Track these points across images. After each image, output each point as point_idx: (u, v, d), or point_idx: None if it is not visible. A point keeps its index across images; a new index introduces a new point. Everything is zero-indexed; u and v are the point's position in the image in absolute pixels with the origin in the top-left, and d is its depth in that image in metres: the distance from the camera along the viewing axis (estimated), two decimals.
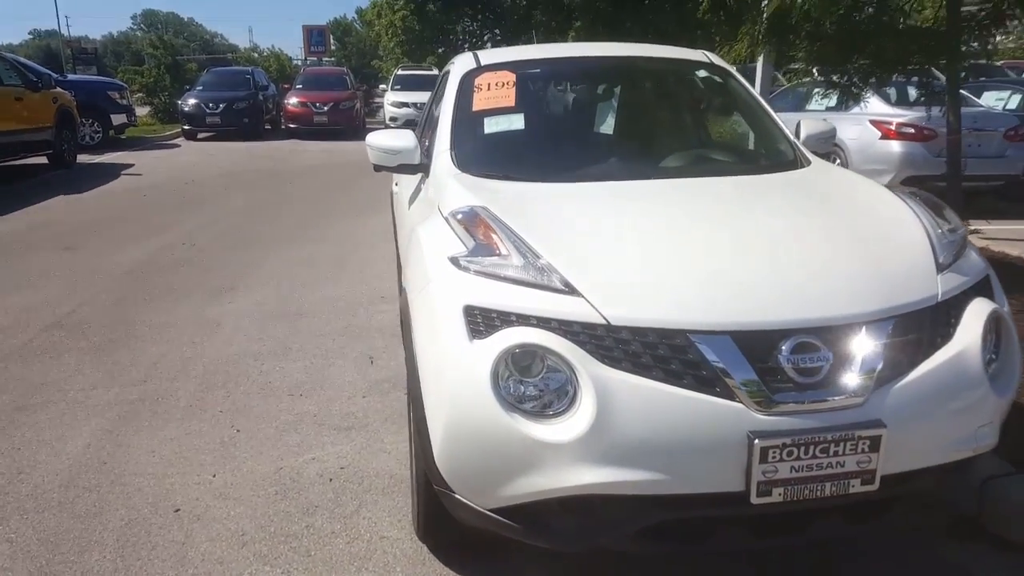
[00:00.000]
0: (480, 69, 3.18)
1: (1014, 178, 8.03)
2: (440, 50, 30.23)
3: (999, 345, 2.00)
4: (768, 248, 2.07)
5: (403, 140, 2.97)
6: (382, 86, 23.57)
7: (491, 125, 2.96)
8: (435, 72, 21.96)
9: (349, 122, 19.04)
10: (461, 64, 3.28)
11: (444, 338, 1.94)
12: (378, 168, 3.11)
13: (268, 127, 20.11)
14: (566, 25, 26.78)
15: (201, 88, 18.87)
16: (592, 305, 1.83)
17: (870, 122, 8.02)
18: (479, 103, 3.02)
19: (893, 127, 7.89)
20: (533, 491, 1.82)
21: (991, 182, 7.99)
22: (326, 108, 18.55)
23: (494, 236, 2.07)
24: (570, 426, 1.76)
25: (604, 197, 2.50)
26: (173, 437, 3.31)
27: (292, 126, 18.84)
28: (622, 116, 3.46)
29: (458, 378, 1.88)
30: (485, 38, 30.44)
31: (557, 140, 3.20)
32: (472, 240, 2.09)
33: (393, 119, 19.22)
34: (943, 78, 4.91)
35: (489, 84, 3.08)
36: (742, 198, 2.53)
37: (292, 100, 18.85)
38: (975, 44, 4.78)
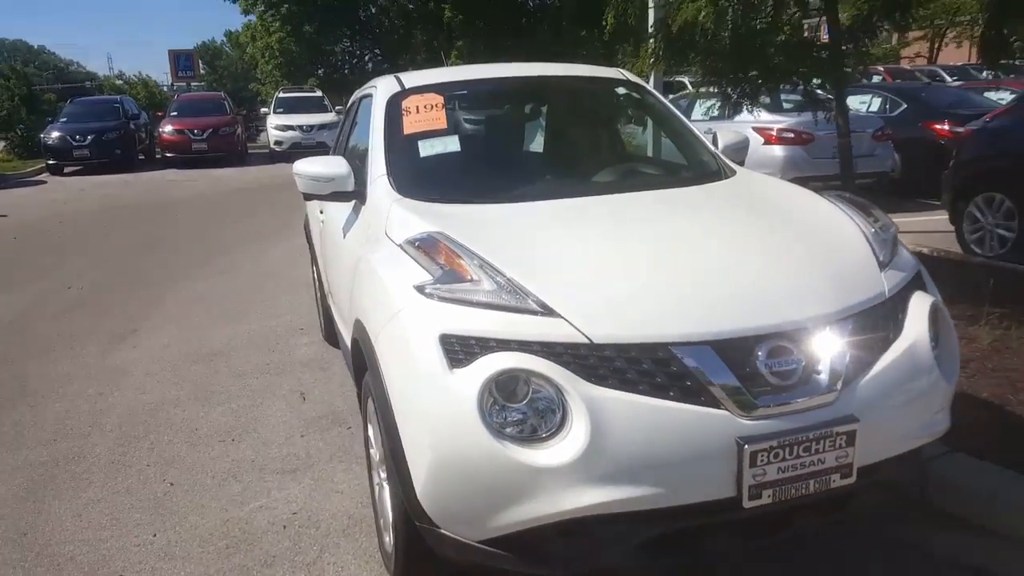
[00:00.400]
0: (405, 92, 3.14)
1: (883, 175, 8.69)
2: (320, 71, 29.66)
3: (938, 335, 2.14)
4: (727, 257, 2.14)
5: (335, 167, 2.88)
6: (263, 109, 22.82)
7: (426, 148, 2.92)
8: (319, 94, 21.52)
9: (230, 148, 18.34)
10: (384, 87, 3.21)
11: (421, 369, 1.89)
12: (308, 197, 3.01)
13: (142, 157, 19.10)
14: (447, 46, 26.97)
15: (65, 120, 17.71)
16: (573, 325, 1.83)
17: (753, 129, 8.48)
18: (410, 126, 2.98)
19: (774, 133, 8.38)
20: (528, 518, 1.80)
21: (863, 179, 8.60)
22: (205, 135, 17.77)
23: (460, 261, 2.03)
24: (563, 449, 1.75)
25: (553, 215, 2.51)
26: (99, 498, 3.06)
27: (169, 155, 17.95)
28: (552, 135, 3.50)
29: (441, 410, 1.83)
30: (366, 59, 30.11)
31: (492, 161, 3.20)
32: (435, 266, 2.05)
33: (278, 143, 18.66)
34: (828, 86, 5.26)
35: (417, 107, 3.04)
36: (685, 210, 2.61)
37: (167, 128, 17.93)
38: (852, 57, 5.15)
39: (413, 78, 3.25)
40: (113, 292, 6.50)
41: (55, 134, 16.91)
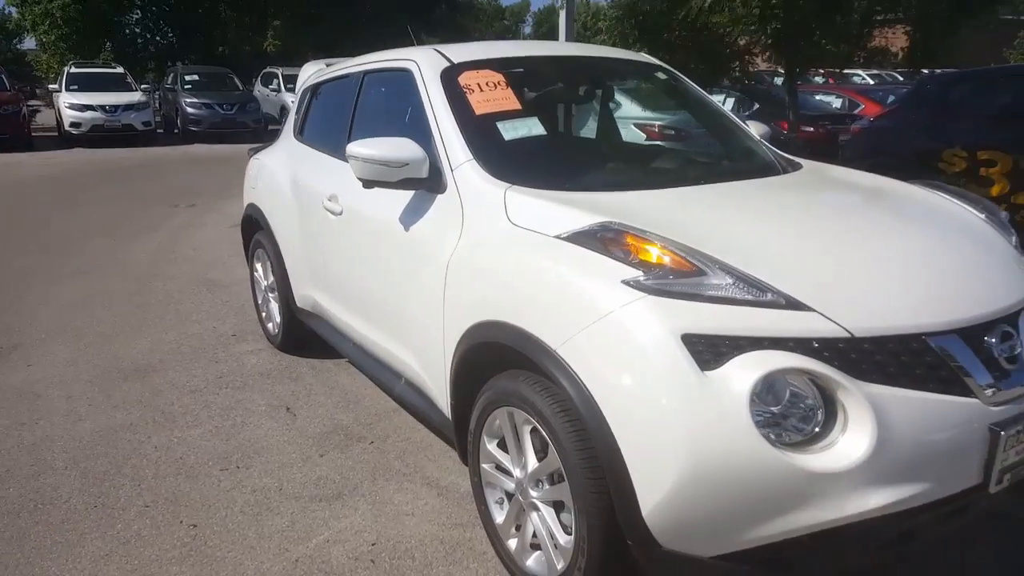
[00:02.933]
0: (457, 67, 2.84)
1: None
2: (108, 45, 26.51)
3: None
4: (923, 246, 2.13)
5: (408, 150, 2.54)
6: (52, 86, 19.96)
7: (508, 131, 2.66)
8: (120, 70, 19.29)
9: (17, 131, 15.89)
10: (428, 61, 2.87)
11: (661, 374, 1.71)
12: (369, 184, 2.63)
13: None
14: (263, 23, 25.25)
15: None
16: (830, 319, 1.75)
17: (634, 125, 8.79)
18: (480, 106, 2.70)
19: (656, 130, 8.74)
20: (798, 527, 1.70)
21: None
22: None
23: (668, 253, 1.86)
24: (844, 451, 1.67)
25: (717, 203, 2.35)
26: (108, 551, 2.50)
27: None
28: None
29: (699, 416, 1.67)
30: (169, 35, 27.36)
31: (584, 146, 3.00)
32: (634, 259, 1.87)
33: (75, 124, 16.44)
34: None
35: (479, 85, 2.77)
36: (834, 199, 2.57)
37: None
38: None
39: (457, 52, 2.95)
40: None
41: None
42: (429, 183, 2.58)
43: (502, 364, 2.23)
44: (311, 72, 4.14)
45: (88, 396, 3.75)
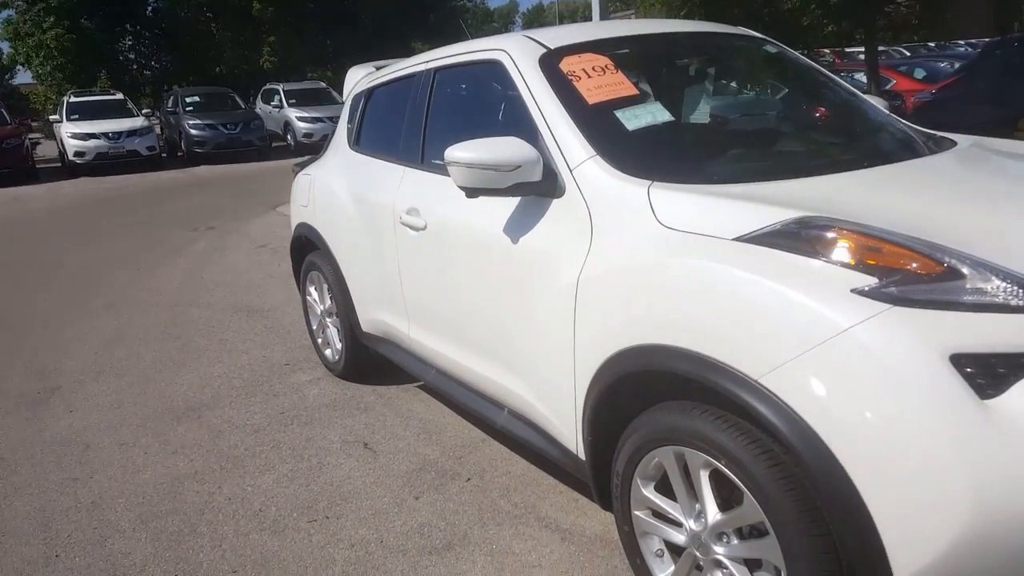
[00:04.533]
0: (555, 53, 2.51)
1: None
2: (103, 73, 26.23)
3: None
4: None
5: (520, 151, 2.21)
6: (52, 117, 19.70)
7: (630, 120, 2.33)
8: (120, 96, 19.03)
9: (21, 164, 15.70)
10: (521, 49, 2.53)
11: (928, 407, 1.37)
12: (474, 193, 2.31)
13: None
14: (257, 40, 24.94)
15: None
16: None
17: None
18: (592, 95, 2.37)
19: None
20: None
21: None
22: None
23: (905, 251, 1.53)
24: None
25: (902, 187, 2.03)
26: None
27: None
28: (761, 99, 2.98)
29: (984, 460, 1.33)
30: (165, 60, 27.05)
31: (714, 132, 2.66)
32: (854, 260, 1.54)
33: (79, 154, 16.18)
34: None
35: (585, 71, 2.44)
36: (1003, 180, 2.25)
37: None
38: None
39: (548, 36, 2.62)
40: None
41: None
42: (541, 187, 2.25)
43: (651, 395, 1.90)
44: (360, 76, 3.82)
45: (142, 443, 3.42)
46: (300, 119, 18.26)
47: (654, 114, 2.35)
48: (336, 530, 2.63)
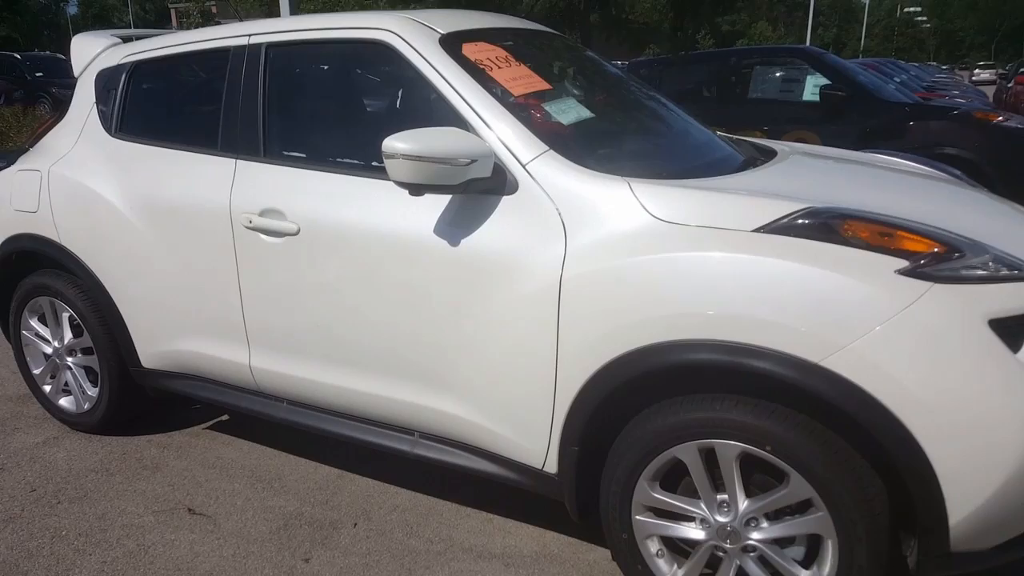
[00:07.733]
0: (449, 38, 2.24)
1: None
2: None
3: None
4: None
5: (470, 142, 1.94)
6: None
7: (560, 115, 2.17)
8: None
9: None
10: (410, 30, 2.21)
11: (984, 368, 1.57)
12: (419, 191, 1.97)
13: None
14: None
15: None
16: None
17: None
18: (513, 87, 2.17)
19: None
20: None
21: None
22: None
23: (914, 236, 1.71)
24: None
25: (827, 179, 2.27)
26: None
27: None
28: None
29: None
30: None
31: (634, 129, 2.57)
32: (881, 245, 1.70)
33: None
34: None
35: (492, 61, 2.22)
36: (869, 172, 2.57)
37: None
38: None
39: (430, 19, 2.34)
40: None
41: None
42: (491, 183, 2.03)
43: (644, 397, 1.90)
44: (99, 49, 2.98)
45: None
46: None
47: (577, 110, 2.27)
48: None
